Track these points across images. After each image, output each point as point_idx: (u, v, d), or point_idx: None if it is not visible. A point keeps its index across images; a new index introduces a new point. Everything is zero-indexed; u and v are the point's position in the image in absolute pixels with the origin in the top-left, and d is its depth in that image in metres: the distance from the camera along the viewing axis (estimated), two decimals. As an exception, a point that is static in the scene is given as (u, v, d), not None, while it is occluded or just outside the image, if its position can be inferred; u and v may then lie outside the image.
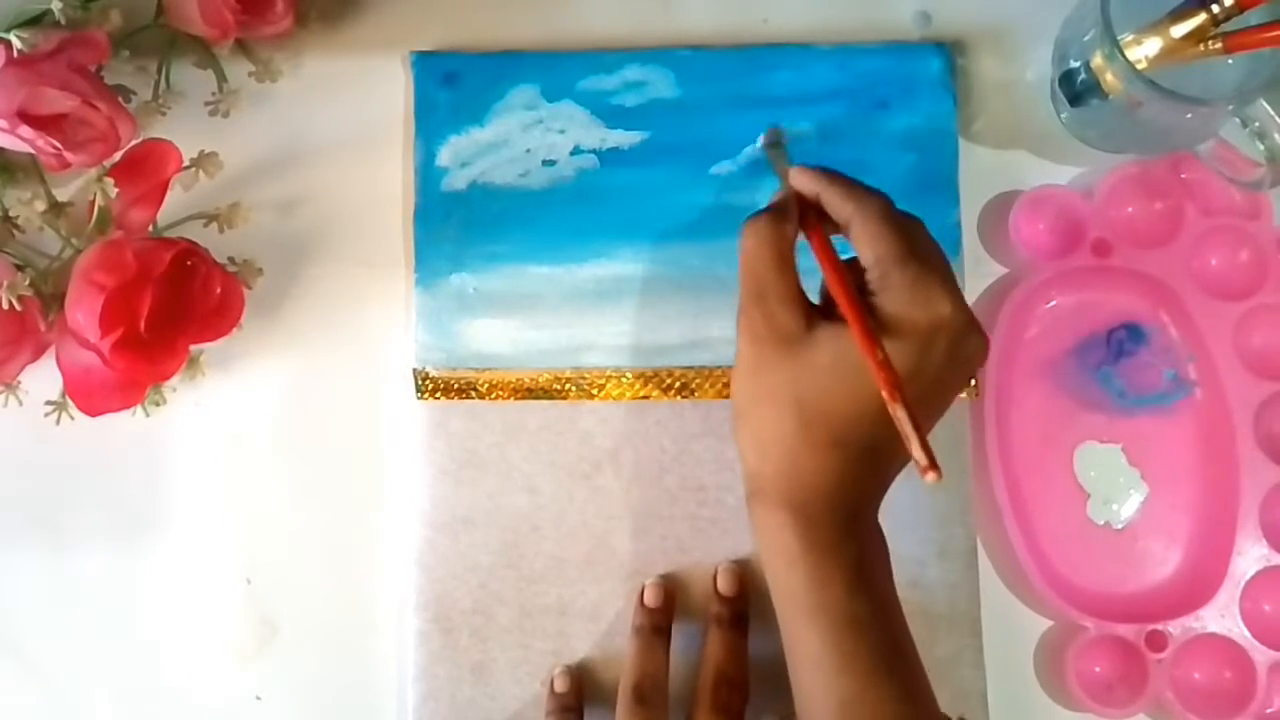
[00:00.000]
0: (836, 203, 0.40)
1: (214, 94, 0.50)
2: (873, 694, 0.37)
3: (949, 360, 0.38)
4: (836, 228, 0.41)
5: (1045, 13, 0.49)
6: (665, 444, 0.48)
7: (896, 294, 0.37)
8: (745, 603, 0.46)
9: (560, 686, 0.46)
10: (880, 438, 0.38)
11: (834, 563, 0.38)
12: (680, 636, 0.46)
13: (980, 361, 0.39)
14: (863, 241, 0.39)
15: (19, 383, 0.47)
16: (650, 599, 0.46)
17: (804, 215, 0.41)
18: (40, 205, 0.47)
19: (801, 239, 0.41)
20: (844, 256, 0.40)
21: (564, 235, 0.49)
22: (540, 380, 0.48)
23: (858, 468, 0.39)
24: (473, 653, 0.47)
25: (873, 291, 0.38)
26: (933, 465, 0.36)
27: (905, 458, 0.39)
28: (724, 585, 0.46)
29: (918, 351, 0.37)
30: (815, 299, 0.40)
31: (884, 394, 0.36)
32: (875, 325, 0.37)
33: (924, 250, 0.38)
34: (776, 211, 0.40)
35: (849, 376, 0.37)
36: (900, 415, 0.36)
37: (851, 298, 0.38)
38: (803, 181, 0.41)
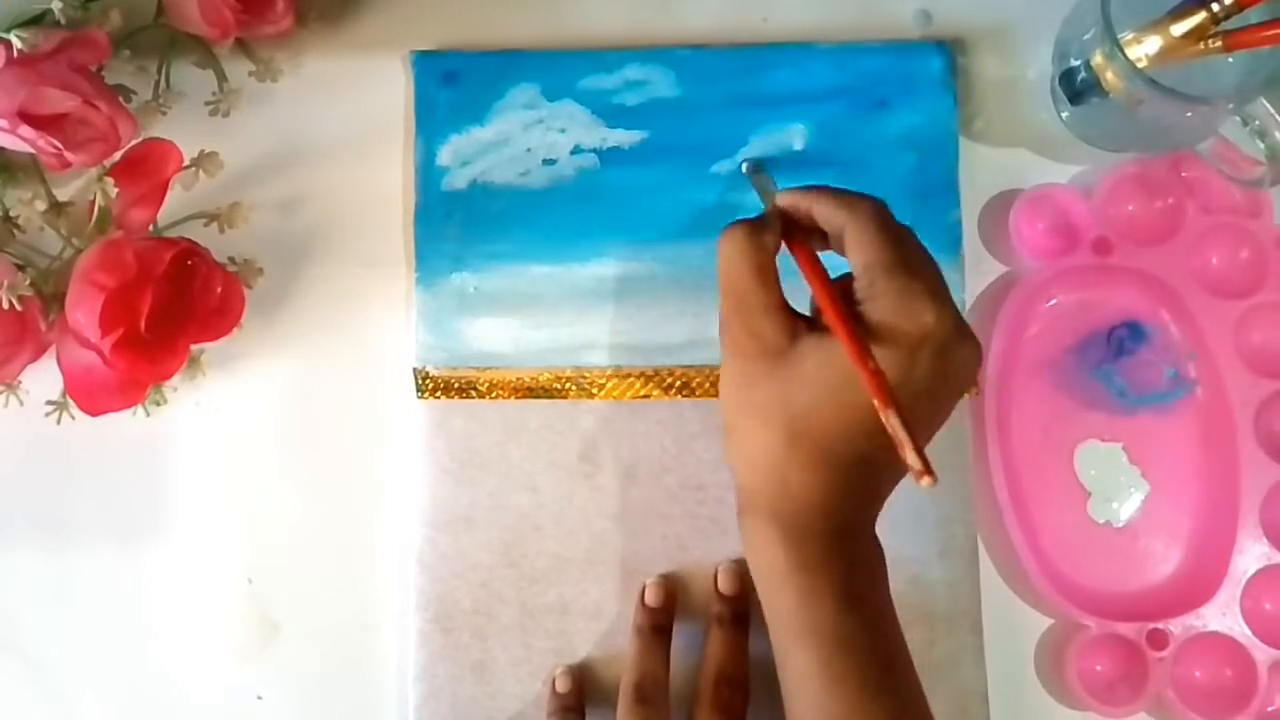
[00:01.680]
0: (828, 212, 0.39)
1: (214, 93, 0.50)
2: (861, 714, 0.37)
3: (937, 371, 0.37)
4: (824, 244, 0.40)
5: (1046, 11, 0.49)
6: (666, 443, 0.48)
7: (883, 303, 0.37)
8: (746, 602, 0.46)
9: (562, 687, 0.46)
10: (871, 451, 0.37)
11: (822, 580, 0.37)
12: (681, 636, 0.46)
13: (972, 372, 0.38)
14: (854, 248, 0.38)
15: (20, 382, 0.47)
16: (651, 598, 0.46)
17: (789, 232, 0.40)
18: (41, 205, 0.47)
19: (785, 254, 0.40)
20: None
21: (564, 234, 0.49)
22: (541, 379, 0.48)
23: (848, 482, 0.38)
24: (473, 652, 0.47)
25: (860, 300, 0.37)
26: (927, 470, 0.35)
27: (899, 472, 0.38)
28: (725, 584, 0.46)
29: (904, 362, 0.36)
30: (802, 310, 0.40)
31: (875, 401, 0.36)
32: (862, 334, 0.37)
33: (914, 259, 0.38)
34: (755, 221, 0.40)
35: (837, 389, 0.37)
36: (893, 421, 0.35)
37: (837, 306, 0.37)
38: (792, 198, 0.40)
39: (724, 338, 0.40)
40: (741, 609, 0.46)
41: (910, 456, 0.35)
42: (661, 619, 0.46)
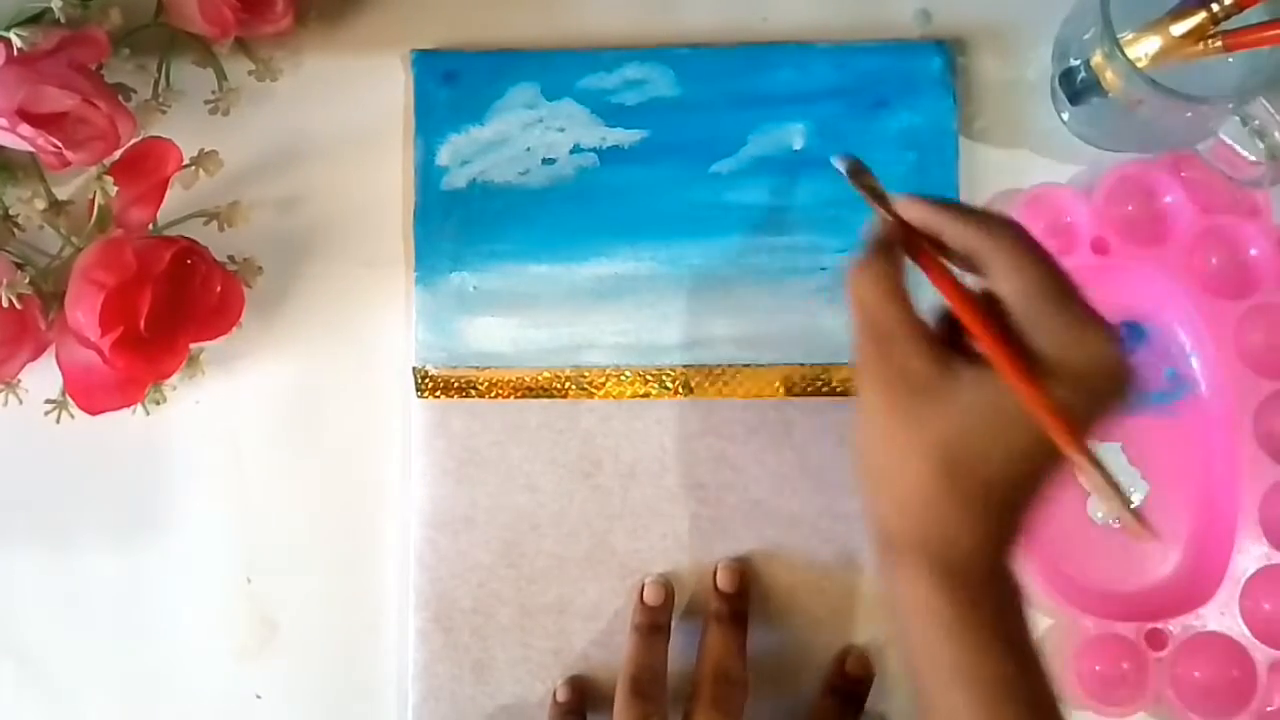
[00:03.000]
0: (962, 233, 0.36)
1: (214, 92, 0.50)
2: None
3: (1105, 405, 0.34)
4: (947, 256, 0.38)
5: (1045, 11, 0.48)
6: (665, 442, 0.48)
7: (1050, 333, 0.34)
8: (745, 600, 0.46)
9: (562, 696, 0.46)
10: (1027, 491, 0.35)
11: (980, 623, 0.35)
12: (679, 635, 0.46)
13: (1128, 399, 0.35)
14: (1000, 274, 0.35)
15: (19, 381, 0.47)
16: (650, 597, 0.46)
17: (913, 247, 0.37)
18: (40, 204, 0.47)
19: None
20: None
21: (564, 234, 0.49)
22: (540, 379, 0.48)
23: (1003, 522, 0.36)
24: (473, 651, 0.47)
25: (1019, 330, 0.35)
26: (1147, 529, 0.33)
27: (1044, 503, 0.36)
28: (724, 582, 0.46)
29: (1077, 397, 0.33)
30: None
31: (1063, 445, 0.33)
32: (1033, 369, 0.34)
33: (1070, 285, 0.35)
34: (881, 247, 0.37)
35: (1000, 428, 0.34)
36: (1090, 469, 0.33)
37: (1001, 340, 0.34)
38: (915, 212, 0.37)
39: (865, 370, 0.37)
40: (740, 607, 0.46)
41: (1126, 515, 0.33)
42: (660, 617, 0.46)
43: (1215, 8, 0.43)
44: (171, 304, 0.45)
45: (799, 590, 0.47)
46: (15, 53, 0.42)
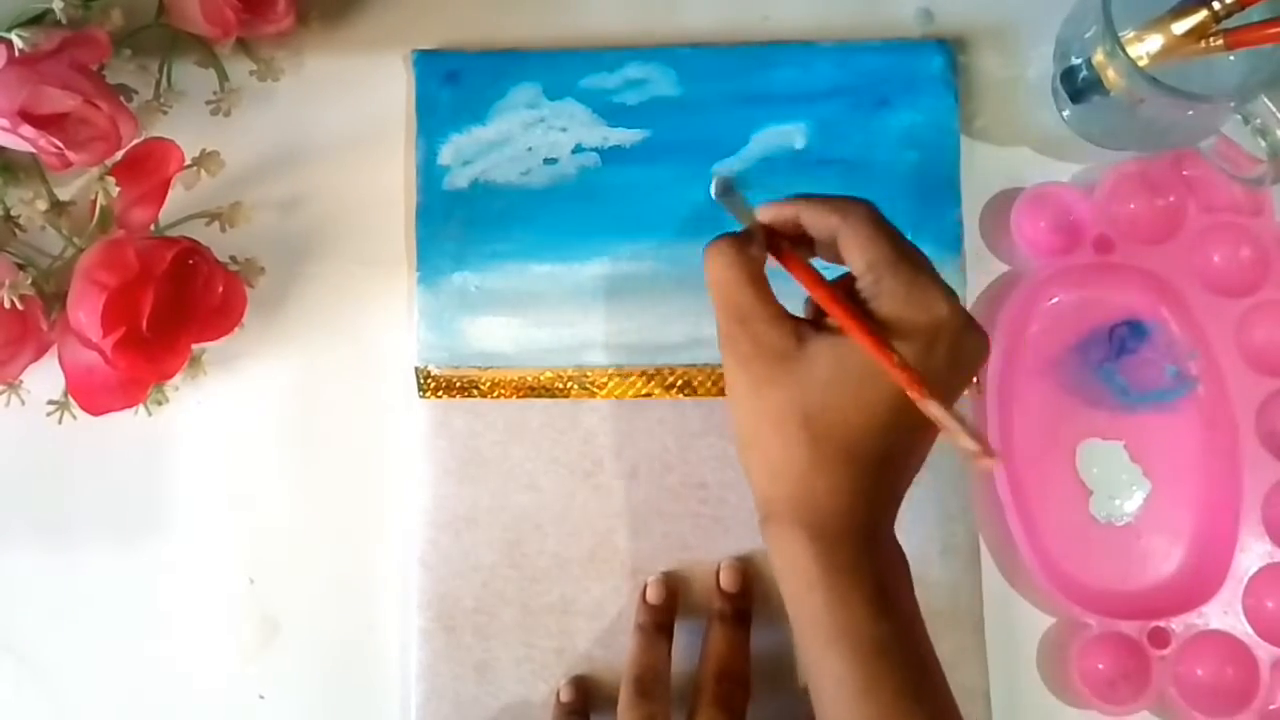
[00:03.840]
0: (818, 217, 0.39)
1: (215, 93, 0.50)
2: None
3: (950, 361, 0.37)
4: (810, 252, 0.40)
5: (1047, 10, 0.49)
6: (667, 442, 0.48)
7: (893, 298, 0.37)
8: (748, 599, 0.46)
9: (566, 696, 0.46)
10: (890, 448, 0.38)
11: (854, 584, 0.37)
12: (683, 634, 0.46)
13: (981, 360, 0.39)
14: (852, 249, 0.38)
15: (21, 382, 0.47)
16: (652, 596, 0.46)
17: (774, 245, 0.39)
18: (42, 204, 0.47)
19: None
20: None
21: (566, 233, 0.49)
22: (542, 378, 0.48)
23: (871, 481, 0.38)
24: (475, 651, 0.47)
25: (866, 299, 0.38)
26: (987, 450, 0.35)
27: (915, 469, 0.39)
28: (727, 582, 0.46)
29: (921, 353, 0.36)
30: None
31: (911, 394, 0.36)
32: (879, 330, 0.37)
33: (913, 254, 0.38)
34: (740, 234, 0.39)
35: (853, 386, 0.37)
36: (935, 410, 0.36)
37: (848, 306, 0.37)
38: (775, 211, 0.40)
39: (727, 350, 0.39)
40: (744, 606, 0.46)
41: (965, 440, 0.36)
42: (663, 616, 0.46)
43: (1216, 6, 0.43)
44: (173, 304, 0.45)
45: (801, 589, 0.47)
46: (17, 54, 0.43)
